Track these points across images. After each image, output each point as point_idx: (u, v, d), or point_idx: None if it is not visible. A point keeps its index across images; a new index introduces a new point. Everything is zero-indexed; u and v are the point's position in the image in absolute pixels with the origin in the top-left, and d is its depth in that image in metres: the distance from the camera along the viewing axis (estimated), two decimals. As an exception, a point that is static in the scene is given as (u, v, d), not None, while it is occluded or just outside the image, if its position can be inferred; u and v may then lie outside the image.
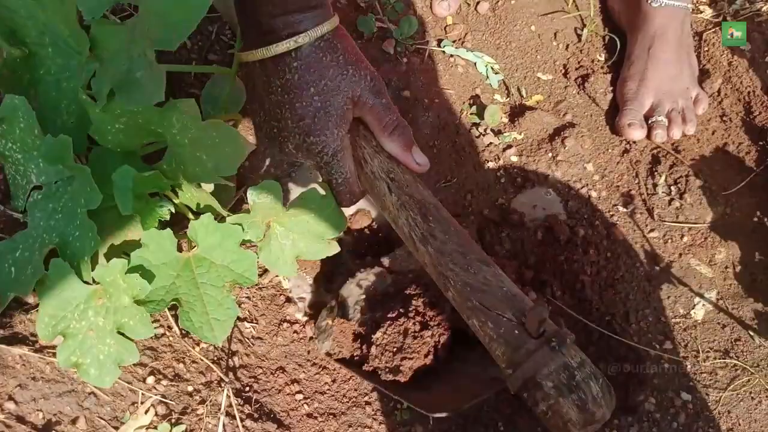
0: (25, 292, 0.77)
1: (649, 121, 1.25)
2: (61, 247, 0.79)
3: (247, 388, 0.92)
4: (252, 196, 0.84)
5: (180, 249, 0.83)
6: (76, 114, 0.86)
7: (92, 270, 0.77)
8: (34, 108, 0.80)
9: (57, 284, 0.76)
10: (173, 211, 0.85)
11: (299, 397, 0.95)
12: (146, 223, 0.82)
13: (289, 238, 0.88)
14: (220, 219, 0.84)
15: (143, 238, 0.80)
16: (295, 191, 1.06)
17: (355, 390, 0.98)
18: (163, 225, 0.84)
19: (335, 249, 0.92)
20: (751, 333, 1.06)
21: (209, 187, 0.91)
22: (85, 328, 0.76)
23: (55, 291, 0.76)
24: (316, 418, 0.94)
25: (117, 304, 0.78)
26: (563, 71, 1.36)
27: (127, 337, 0.78)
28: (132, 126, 0.82)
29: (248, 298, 0.98)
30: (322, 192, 0.86)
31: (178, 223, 0.89)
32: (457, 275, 0.74)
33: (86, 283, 0.77)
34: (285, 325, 1.00)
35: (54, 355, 0.81)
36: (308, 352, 0.99)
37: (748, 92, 1.28)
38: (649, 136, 1.25)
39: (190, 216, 0.87)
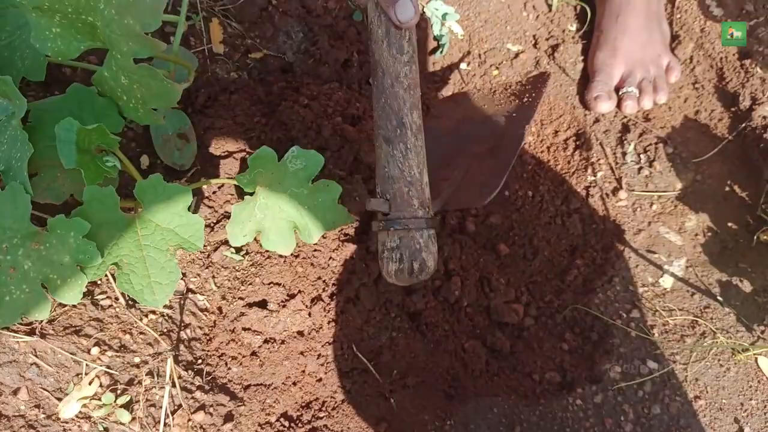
0: None
1: (620, 92, 1.23)
2: (5, 172, 0.77)
3: (200, 361, 0.90)
4: (291, 154, 0.87)
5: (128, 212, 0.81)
6: (30, 55, 0.87)
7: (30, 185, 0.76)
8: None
9: (4, 207, 0.74)
10: (119, 167, 0.83)
11: (255, 369, 0.93)
12: (90, 178, 0.79)
13: (263, 213, 0.87)
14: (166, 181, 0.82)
15: (84, 195, 0.78)
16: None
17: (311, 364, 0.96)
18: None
19: (288, 251, 0.91)
20: (720, 300, 1.04)
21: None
22: (7, 264, 0.74)
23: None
24: (272, 389, 0.92)
25: (54, 258, 0.76)
26: (533, 42, 1.33)
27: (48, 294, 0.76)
28: (66, 26, 0.80)
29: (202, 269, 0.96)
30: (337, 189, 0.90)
31: (126, 186, 0.88)
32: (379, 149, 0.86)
33: (34, 221, 0.75)
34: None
35: (-7, 325, 0.79)
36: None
37: (721, 58, 1.25)
38: (619, 107, 1.23)
39: (139, 178, 0.85)
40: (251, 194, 0.88)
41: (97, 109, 0.84)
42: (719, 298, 1.04)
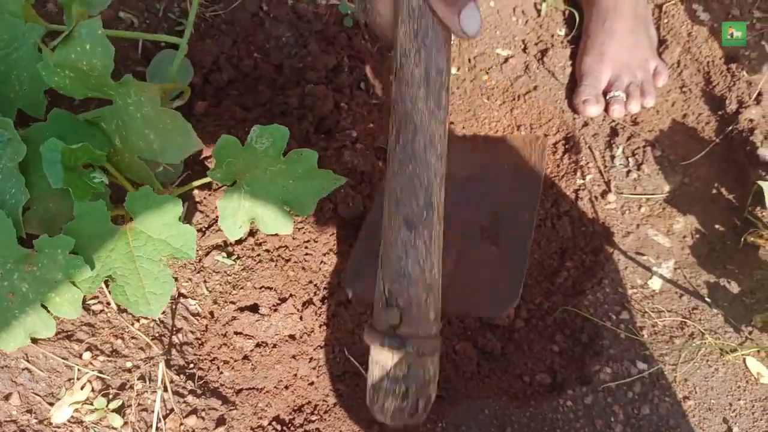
0: None
1: (607, 96, 1.24)
2: (0, 206, 0.78)
3: (191, 365, 0.91)
4: (254, 134, 0.83)
5: (119, 222, 0.82)
6: (28, 80, 0.87)
7: (23, 228, 0.77)
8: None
9: None
10: (106, 182, 0.83)
11: (247, 373, 0.93)
12: (78, 195, 0.80)
13: (250, 201, 0.87)
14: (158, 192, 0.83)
15: (75, 210, 0.78)
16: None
17: (303, 368, 0.96)
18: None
19: (288, 230, 0.90)
20: (708, 301, 1.05)
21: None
22: (5, 289, 0.75)
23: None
24: (264, 393, 0.93)
25: (48, 277, 0.77)
26: (522, 46, 1.34)
27: (49, 311, 0.77)
28: (81, 78, 0.81)
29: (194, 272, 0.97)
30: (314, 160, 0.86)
31: (116, 195, 0.88)
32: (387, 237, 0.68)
33: (22, 244, 0.76)
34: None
35: (-17, 330, 0.79)
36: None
37: (708, 62, 1.26)
38: (607, 111, 1.24)
39: (129, 188, 0.86)
40: (233, 185, 0.88)
41: (81, 134, 0.84)
42: (707, 299, 1.05)
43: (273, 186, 0.87)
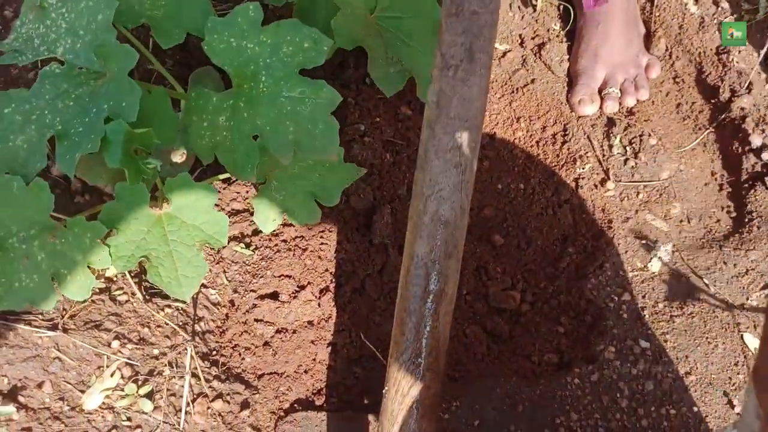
0: None
1: (602, 93, 1.28)
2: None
3: (215, 352, 0.94)
4: None
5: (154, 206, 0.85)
6: None
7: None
8: None
9: (27, 200, 0.77)
10: (159, 169, 0.85)
11: (268, 358, 0.96)
12: (132, 178, 0.82)
13: (281, 194, 0.91)
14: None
15: (116, 190, 0.81)
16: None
17: (321, 352, 1.00)
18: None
19: (316, 219, 0.95)
20: (705, 282, 1.10)
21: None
22: (21, 252, 0.77)
23: (12, 206, 0.78)
24: (285, 377, 0.96)
25: (68, 254, 0.79)
26: (520, 41, 1.38)
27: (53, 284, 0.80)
28: None
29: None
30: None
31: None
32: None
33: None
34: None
35: (16, 321, 0.82)
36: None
37: (699, 53, 1.31)
38: (601, 107, 1.28)
39: (160, 185, 0.88)
40: (263, 183, 0.92)
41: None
42: (705, 280, 1.10)
43: (301, 180, 0.91)
